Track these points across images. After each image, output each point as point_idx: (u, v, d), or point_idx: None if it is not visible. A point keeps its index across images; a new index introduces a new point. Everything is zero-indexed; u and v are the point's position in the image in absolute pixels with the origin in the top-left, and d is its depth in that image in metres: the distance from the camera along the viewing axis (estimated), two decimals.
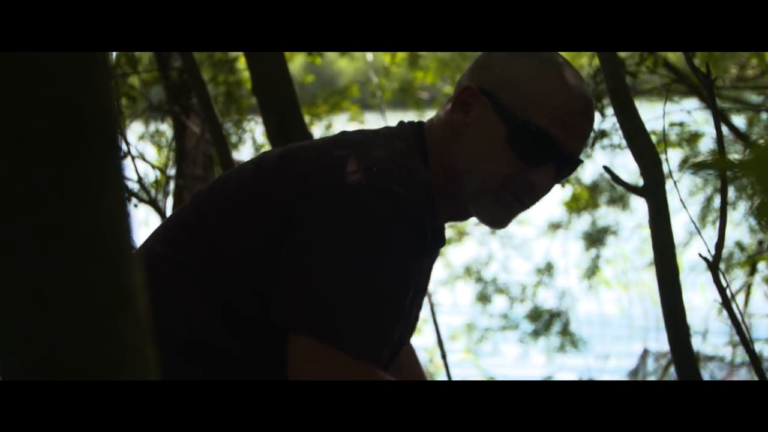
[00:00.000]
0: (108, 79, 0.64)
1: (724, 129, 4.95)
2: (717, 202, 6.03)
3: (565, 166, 1.75)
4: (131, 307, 0.68)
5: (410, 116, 8.80)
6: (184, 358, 1.58)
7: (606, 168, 2.39)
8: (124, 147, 3.51)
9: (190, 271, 1.64)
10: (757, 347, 5.84)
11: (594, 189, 7.74)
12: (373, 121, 7.84)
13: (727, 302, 2.15)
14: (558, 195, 7.14)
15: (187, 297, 1.63)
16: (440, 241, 1.85)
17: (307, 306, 1.54)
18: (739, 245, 5.98)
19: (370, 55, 7.85)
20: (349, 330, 1.52)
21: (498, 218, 1.76)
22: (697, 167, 2.21)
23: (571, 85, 1.74)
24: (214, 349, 1.62)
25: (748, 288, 5.61)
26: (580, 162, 1.79)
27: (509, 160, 1.70)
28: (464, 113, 1.74)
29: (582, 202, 7.52)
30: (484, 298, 8.43)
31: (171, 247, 1.68)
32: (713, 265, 2.16)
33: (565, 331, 7.82)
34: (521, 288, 8.46)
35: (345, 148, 1.64)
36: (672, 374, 5.49)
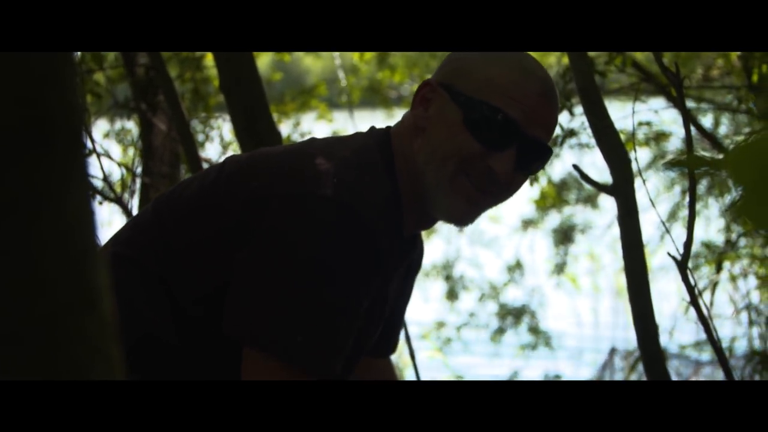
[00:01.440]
0: (74, 75, 0.62)
1: (692, 128, 4.98)
2: (687, 200, 6.07)
3: (527, 152, 1.69)
4: (97, 308, 0.66)
5: (378, 115, 8.82)
6: (136, 355, 1.58)
7: (575, 166, 2.40)
8: (89, 144, 3.48)
9: (144, 270, 1.65)
10: (724, 345, 5.89)
11: (563, 187, 7.78)
12: (341, 120, 7.83)
13: (695, 301, 2.16)
14: (527, 193, 7.16)
15: (140, 295, 1.64)
16: (413, 250, 1.84)
17: (255, 319, 1.53)
18: (707, 245, 6.02)
19: (337, 54, 7.84)
20: (298, 343, 1.51)
21: (461, 211, 1.71)
22: (671, 165, 2.20)
23: (529, 69, 1.71)
24: (164, 346, 1.63)
25: (714, 286, 5.65)
26: (546, 150, 1.73)
27: (466, 142, 1.66)
28: (424, 108, 1.73)
29: (551, 200, 7.56)
30: (453, 295, 8.45)
31: (128, 247, 1.68)
32: (682, 265, 2.16)
33: (535, 329, 7.87)
34: (490, 286, 8.49)
35: (306, 158, 1.62)
36: (639, 372, 5.52)
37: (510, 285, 8.33)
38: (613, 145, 2.31)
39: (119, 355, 0.69)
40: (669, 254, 2.19)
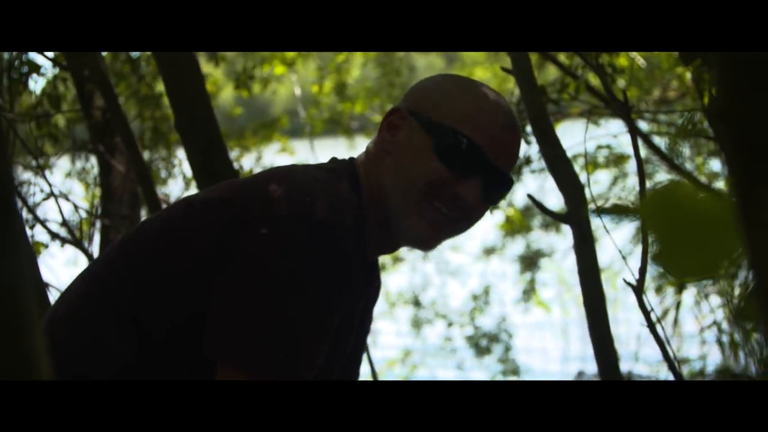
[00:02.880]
0: (3, 145, 0.63)
1: (650, 151, 5.03)
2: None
3: (492, 181, 1.73)
4: (35, 372, 0.67)
5: (341, 144, 8.82)
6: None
7: (530, 196, 2.42)
8: (46, 188, 3.46)
9: (114, 306, 1.65)
10: (692, 364, 5.92)
11: (526, 212, 7.82)
12: (303, 151, 7.84)
13: (651, 325, 2.19)
14: (489, 221, 7.19)
15: (112, 332, 1.64)
16: (374, 277, 1.86)
17: (235, 339, 1.55)
18: None
19: (297, 89, 7.85)
20: (272, 361, 1.53)
21: (425, 236, 1.74)
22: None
23: (494, 101, 1.76)
24: (141, 376, 1.63)
25: (677, 306, 5.69)
26: (510, 181, 1.78)
27: (434, 168, 1.70)
28: (392, 135, 1.76)
29: (516, 225, 7.59)
30: (419, 324, 8.44)
31: (98, 286, 1.69)
32: (637, 290, 2.19)
33: (504, 357, 7.87)
34: (458, 314, 8.50)
35: (276, 181, 1.64)
36: None
37: (478, 312, 8.34)
38: (565, 173, 2.34)
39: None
40: (625, 281, 2.22)
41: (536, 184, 6.93)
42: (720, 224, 0.52)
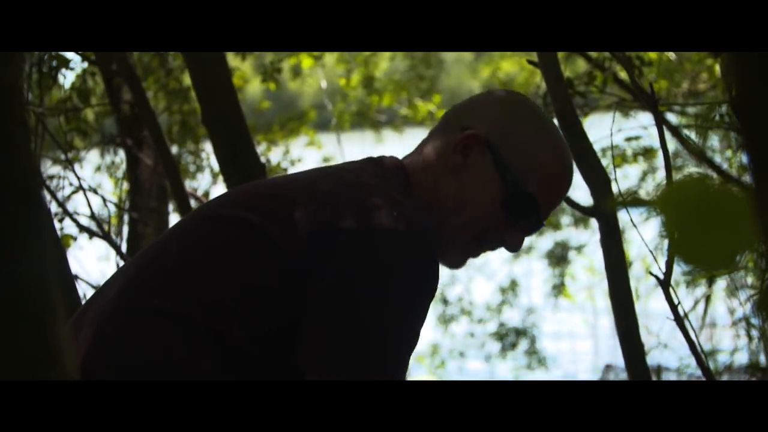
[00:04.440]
0: (27, 138, 0.64)
1: (678, 144, 5.00)
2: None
3: (534, 230, 1.79)
4: (58, 362, 0.68)
5: (368, 137, 8.79)
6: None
7: None
8: (75, 182, 3.49)
9: (186, 321, 1.56)
10: (722, 357, 5.89)
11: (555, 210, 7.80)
12: (330, 145, 7.84)
13: (679, 319, 2.17)
14: None
15: (184, 349, 1.55)
16: None
17: (333, 354, 1.53)
18: None
19: (324, 82, 7.86)
20: (366, 373, 1.52)
21: (459, 262, 1.78)
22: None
23: (566, 156, 1.79)
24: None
25: (707, 300, 5.66)
26: (542, 225, 1.83)
27: (496, 218, 1.72)
28: (463, 156, 1.73)
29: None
30: (446, 319, 8.44)
31: (166, 299, 1.58)
32: (664, 283, 2.18)
33: (532, 350, 7.86)
34: (486, 307, 8.48)
35: (356, 189, 1.62)
36: None
37: (506, 306, 8.33)
38: (592, 166, 2.33)
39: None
40: (651, 273, 2.21)
41: None
42: (739, 216, 0.52)
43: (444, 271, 1.73)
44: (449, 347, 8.20)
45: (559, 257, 8.37)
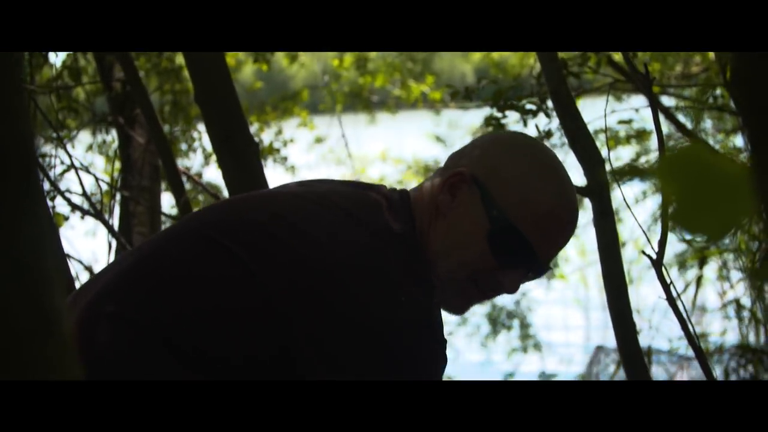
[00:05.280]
0: (25, 107, 0.63)
1: (672, 126, 5.01)
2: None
3: (535, 271, 1.71)
4: (55, 333, 0.68)
5: (361, 120, 8.77)
6: None
7: None
8: (67, 160, 3.48)
9: (149, 333, 1.51)
10: (713, 339, 5.91)
11: None
12: (323, 126, 7.83)
13: (671, 299, 2.18)
14: None
15: (143, 359, 1.51)
16: None
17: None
18: (690, 241, 6.05)
19: (318, 63, 7.84)
20: None
21: (457, 306, 1.72)
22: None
23: (563, 192, 1.69)
24: None
25: (698, 281, 5.68)
26: (548, 269, 1.73)
27: (484, 256, 1.65)
28: (451, 196, 1.68)
29: None
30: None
31: (134, 310, 1.54)
32: (657, 263, 2.18)
33: (525, 333, 7.88)
34: None
35: (344, 221, 1.59)
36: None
37: None
38: (585, 146, 2.33)
39: (81, 377, 0.70)
40: (643, 252, 2.21)
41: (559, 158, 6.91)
42: (737, 184, 0.52)
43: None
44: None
45: None
